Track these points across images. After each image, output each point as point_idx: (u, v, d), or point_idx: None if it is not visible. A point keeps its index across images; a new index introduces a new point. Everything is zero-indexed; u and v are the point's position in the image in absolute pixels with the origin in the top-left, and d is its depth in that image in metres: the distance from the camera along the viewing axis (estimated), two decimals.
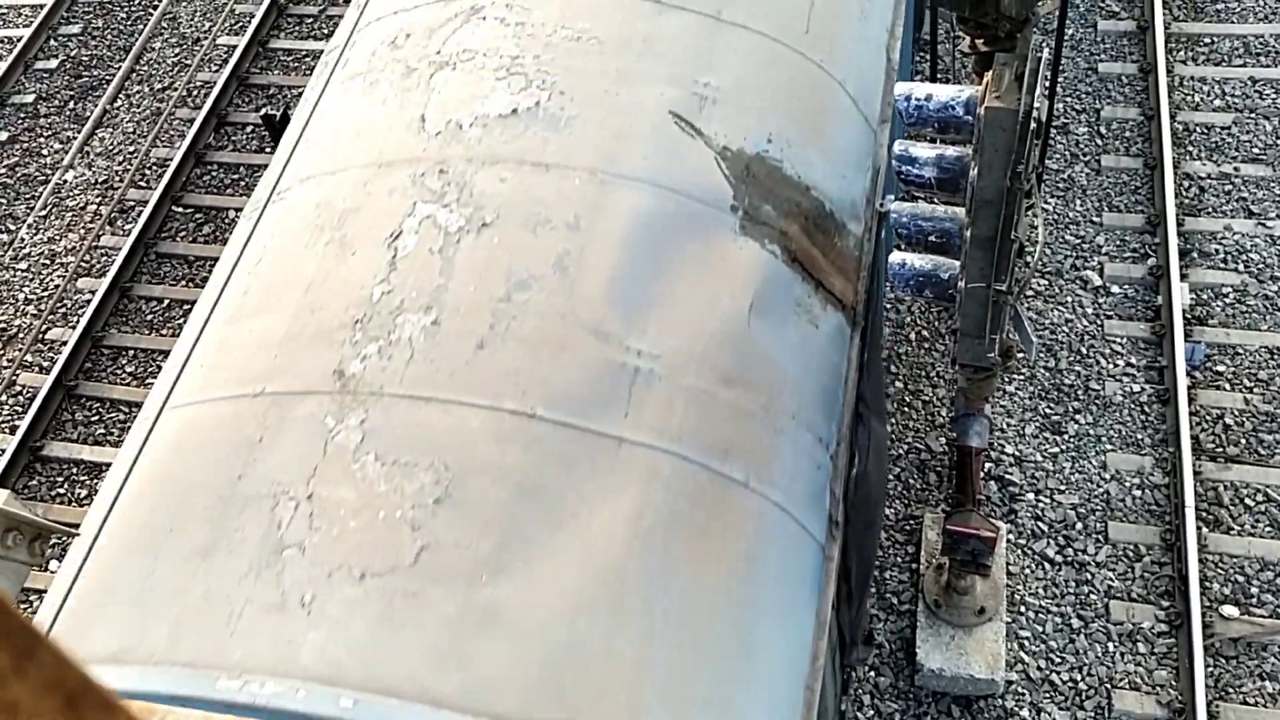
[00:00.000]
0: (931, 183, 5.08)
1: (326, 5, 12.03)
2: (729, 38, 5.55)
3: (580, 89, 5.22)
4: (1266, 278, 8.70)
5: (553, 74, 5.29)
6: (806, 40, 5.70)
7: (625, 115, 5.14)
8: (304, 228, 5.10)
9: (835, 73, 5.71)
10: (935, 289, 5.33)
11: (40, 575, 8.21)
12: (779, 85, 5.48)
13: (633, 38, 5.43)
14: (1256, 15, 10.37)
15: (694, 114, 5.21)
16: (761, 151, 5.20)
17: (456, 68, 5.42)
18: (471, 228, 4.78)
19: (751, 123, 5.28)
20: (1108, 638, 7.22)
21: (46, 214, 10.72)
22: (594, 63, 5.34)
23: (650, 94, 5.22)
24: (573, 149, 5.01)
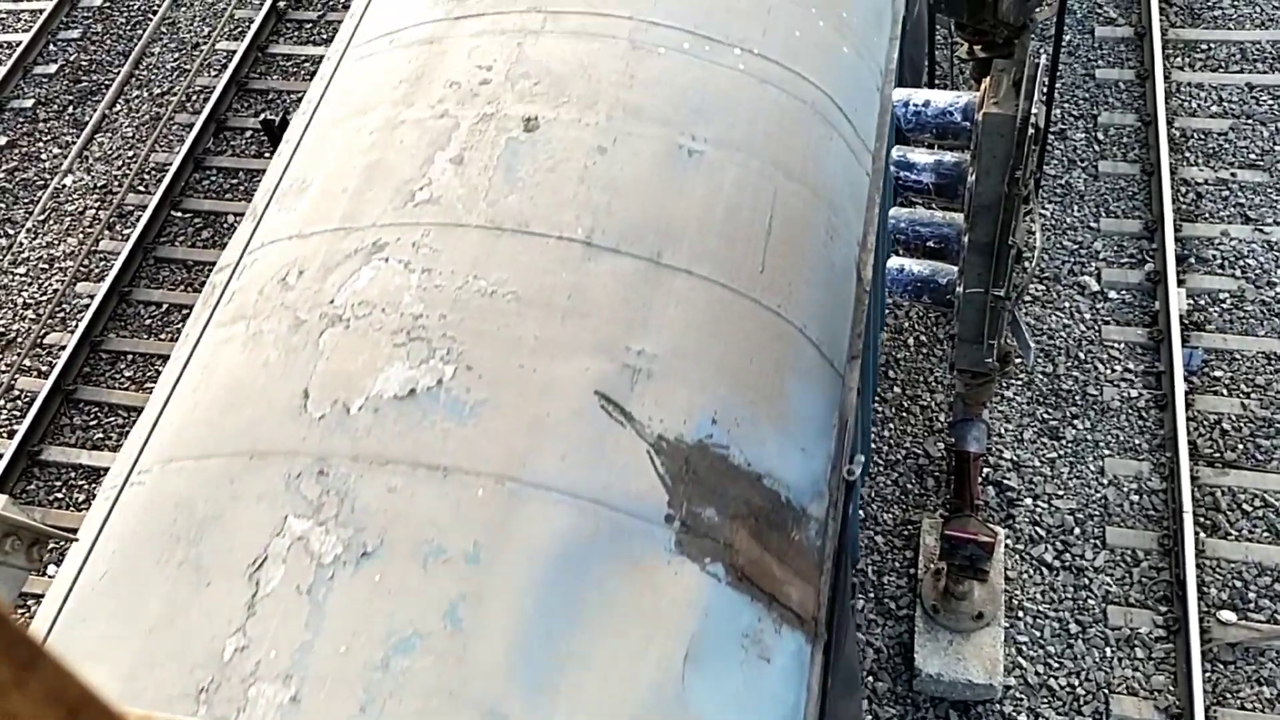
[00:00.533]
0: (930, 188, 5.09)
1: (325, 11, 12.04)
2: (669, 287, 4.78)
3: (491, 363, 4.46)
4: (1263, 283, 8.71)
5: (460, 342, 4.51)
6: (761, 282, 4.98)
7: (543, 399, 4.36)
8: (157, 534, 4.35)
9: (796, 317, 5.00)
10: (933, 294, 5.33)
11: (38, 580, 8.20)
12: (727, 345, 4.73)
13: (556, 292, 4.66)
14: (1253, 22, 10.39)
15: (624, 393, 4.43)
16: (704, 438, 4.43)
17: (350, 325, 4.65)
18: (350, 557, 4.01)
19: (693, 399, 4.51)
20: (1106, 643, 7.22)
21: (45, 218, 10.72)
22: (509, 327, 4.55)
23: (573, 369, 4.45)
24: (478, 447, 4.22)
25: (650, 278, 4.78)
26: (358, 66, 6.05)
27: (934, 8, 6.84)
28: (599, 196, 4.96)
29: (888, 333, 8.76)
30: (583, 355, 4.50)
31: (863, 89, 6.07)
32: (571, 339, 4.54)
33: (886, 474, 8.05)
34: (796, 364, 4.89)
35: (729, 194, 5.14)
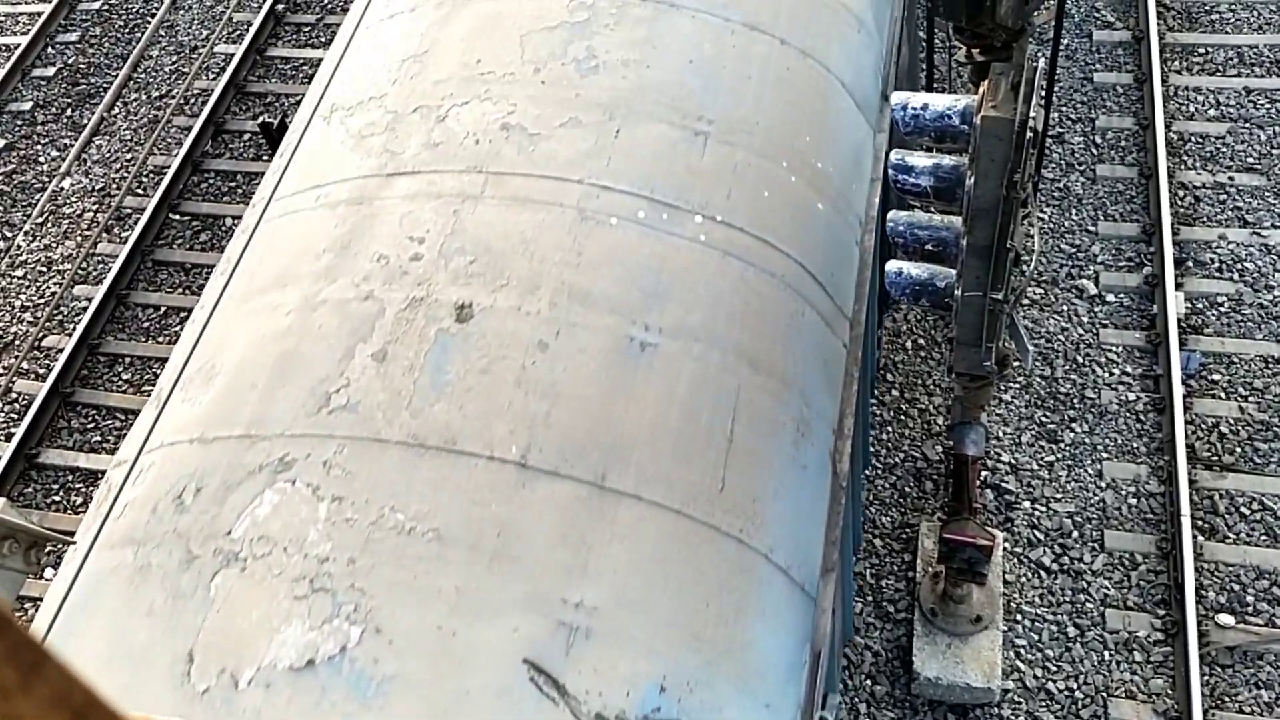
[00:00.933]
0: (928, 192, 5.09)
1: (324, 14, 12.04)
2: (614, 518, 4.21)
3: (405, 624, 3.90)
4: (1261, 287, 8.73)
5: (370, 595, 3.95)
6: (721, 503, 4.42)
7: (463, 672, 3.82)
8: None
9: (760, 542, 4.46)
10: (932, 297, 5.34)
11: (36, 583, 8.19)
12: (680, 588, 4.17)
13: (484, 530, 4.11)
14: (1250, 26, 10.41)
15: (558, 660, 3.87)
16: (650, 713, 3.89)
17: (246, 567, 4.12)
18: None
19: (637, 664, 3.95)
20: (1104, 646, 7.22)
21: (43, 221, 10.71)
22: (428, 575, 4.00)
23: (500, 631, 3.90)
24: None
25: (593, 507, 4.20)
26: (281, 226, 5.42)
27: (932, 11, 6.86)
28: (537, 404, 4.41)
29: (886, 335, 8.77)
30: (512, 612, 3.93)
31: (840, 247, 5.55)
32: (499, 591, 3.97)
33: (885, 477, 8.05)
34: (761, 601, 4.34)
35: (685, 396, 4.59)
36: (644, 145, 5.26)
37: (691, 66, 5.58)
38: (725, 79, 5.58)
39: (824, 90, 5.84)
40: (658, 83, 5.47)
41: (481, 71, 5.56)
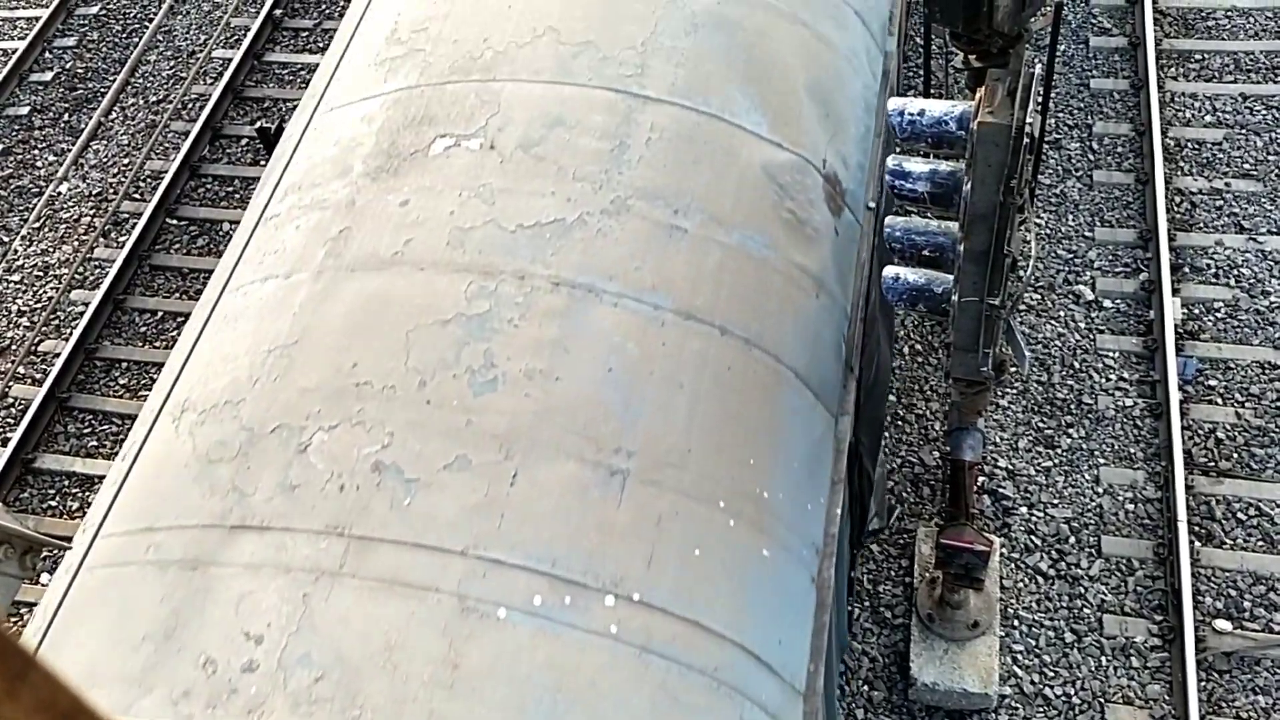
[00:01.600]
0: (925, 197, 5.10)
1: (321, 19, 12.05)
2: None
3: None
4: (1258, 292, 8.74)
5: None
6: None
7: None
8: None
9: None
10: (929, 303, 5.34)
11: (31, 588, 8.18)
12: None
13: None
14: (1246, 32, 10.44)
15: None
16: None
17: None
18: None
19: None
20: (1101, 652, 7.22)
21: (40, 226, 10.71)
22: None
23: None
24: None
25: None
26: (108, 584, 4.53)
27: (930, 17, 6.86)
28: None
29: None
30: None
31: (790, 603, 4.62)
32: None
33: (883, 483, 8.06)
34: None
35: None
36: (546, 495, 4.32)
37: (610, 377, 4.61)
38: (651, 392, 4.63)
39: (773, 389, 4.93)
40: (568, 403, 4.52)
41: (356, 381, 4.62)
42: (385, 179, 5.21)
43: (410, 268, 4.86)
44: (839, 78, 5.85)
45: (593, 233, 4.88)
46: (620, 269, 4.83)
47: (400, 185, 5.15)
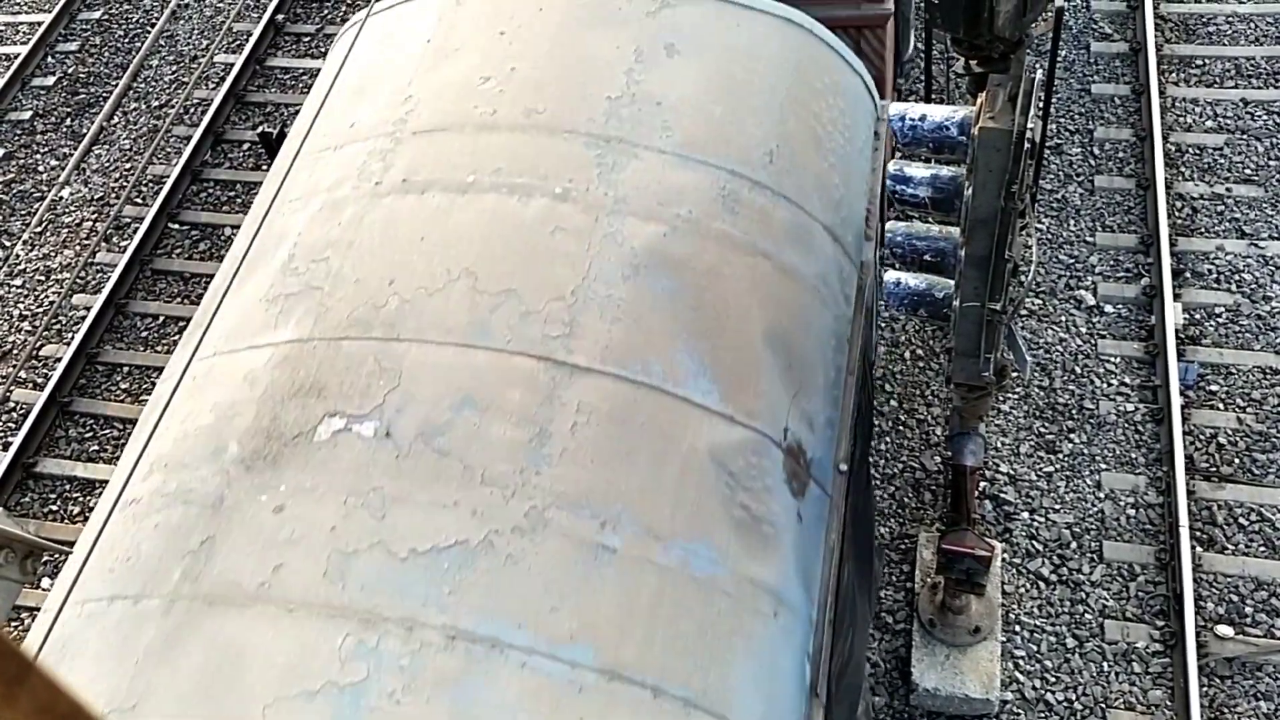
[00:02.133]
0: (926, 202, 5.10)
1: (323, 24, 12.07)
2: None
3: None
4: (1259, 298, 8.73)
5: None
6: None
7: None
8: None
9: None
10: (930, 308, 5.34)
11: (32, 593, 8.18)
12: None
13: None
14: (1247, 38, 10.44)
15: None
16: None
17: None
18: None
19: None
20: (1103, 657, 7.21)
21: (42, 230, 10.72)
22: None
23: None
24: None
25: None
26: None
27: (931, 23, 6.88)
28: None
29: (885, 346, 8.77)
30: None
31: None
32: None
33: (883, 488, 8.05)
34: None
35: None
36: None
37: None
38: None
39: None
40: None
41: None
42: (261, 470, 4.38)
43: (277, 608, 3.99)
44: (804, 315, 5.07)
45: (501, 560, 4.03)
46: (532, 612, 3.94)
47: (278, 482, 4.33)
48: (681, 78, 5.36)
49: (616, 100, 5.24)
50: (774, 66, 5.57)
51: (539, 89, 5.28)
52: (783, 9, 5.73)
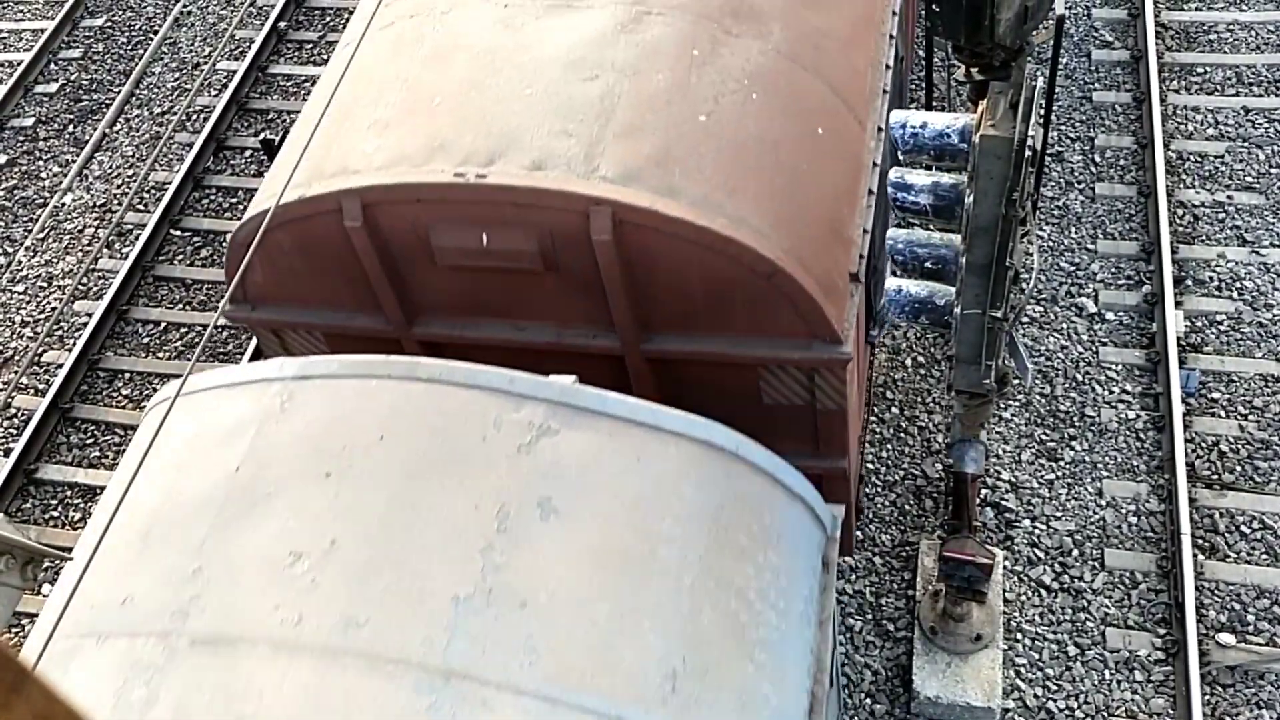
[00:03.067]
0: (927, 210, 5.10)
1: (325, 31, 12.09)
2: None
3: None
4: (1260, 305, 8.73)
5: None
6: None
7: None
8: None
9: None
10: (931, 315, 5.34)
11: (32, 599, 8.17)
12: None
13: None
14: (1249, 46, 10.45)
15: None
16: None
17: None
18: None
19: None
20: (1104, 665, 7.19)
21: (44, 237, 10.73)
22: None
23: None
24: None
25: None
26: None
27: (932, 31, 6.88)
28: None
29: (886, 353, 8.77)
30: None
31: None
32: None
33: (884, 495, 8.04)
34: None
35: None
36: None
37: None
38: None
39: None
40: None
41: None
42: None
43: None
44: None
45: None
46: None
47: None
48: (556, 558, 4.06)
49: (466, 603, 3.93)
50: (687, 523, 4.26)
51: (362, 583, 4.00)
52: (703, 427, 4.48)
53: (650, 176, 4.94)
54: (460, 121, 5.23)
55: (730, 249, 4.88)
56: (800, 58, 5.64)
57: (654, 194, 4.89)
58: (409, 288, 5.50)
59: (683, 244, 4.92)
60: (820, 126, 5.50)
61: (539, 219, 4.98)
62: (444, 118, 5.28)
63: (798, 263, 4.97)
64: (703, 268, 4.98)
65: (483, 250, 5.14)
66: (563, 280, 5.21)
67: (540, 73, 5.36)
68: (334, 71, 6.13)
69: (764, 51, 5.56)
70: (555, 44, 5.49)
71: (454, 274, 5.34)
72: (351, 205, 5.14)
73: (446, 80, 5.45)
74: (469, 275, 5.34)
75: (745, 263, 4.90)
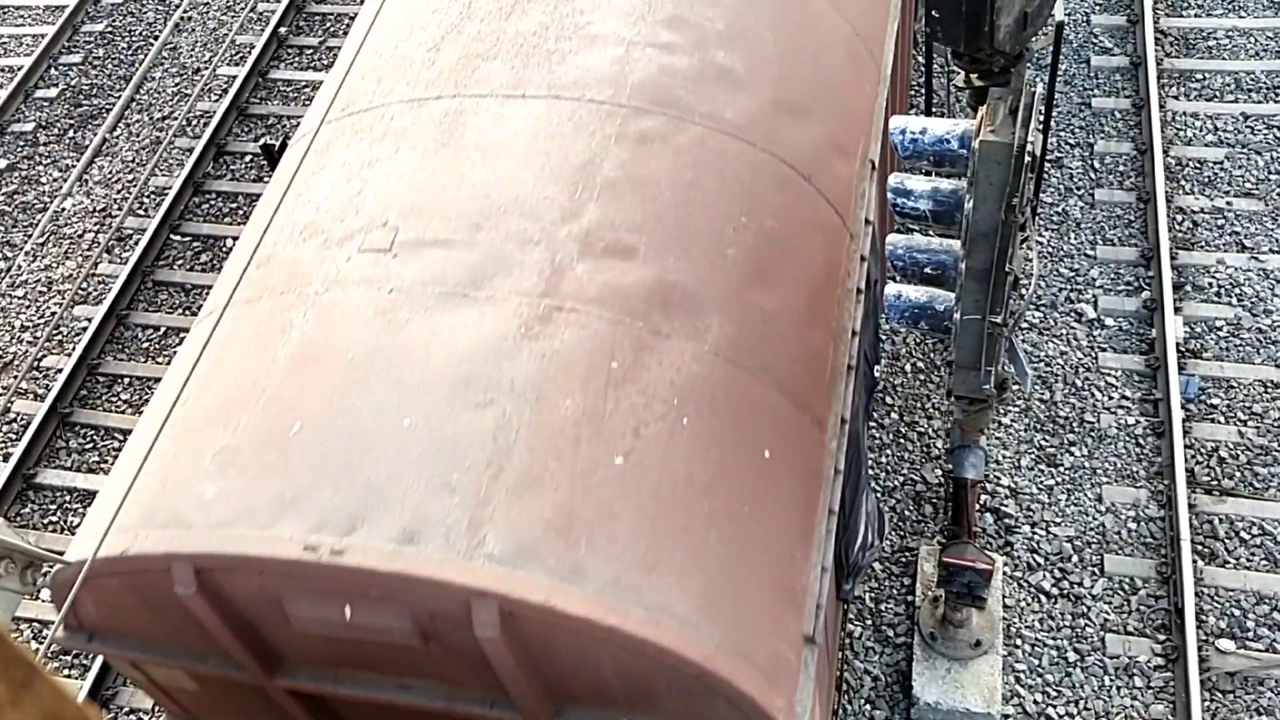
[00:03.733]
0: (927, 215, 5.11)
1: (326, 37, 12.11)
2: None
3: None
4: (1260, 311, 8.74)
5: None
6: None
7: None
8: None
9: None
10: (931, 321, 5.35)
11: (31, 603, 8.17)
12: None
13: None
14: (1247, 52, 10.47)
15: None
16: None
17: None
18: None
19: None
20: (1104, 671, 7.19)
21: (44, 242, 10.73)
22: None
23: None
24: None
25: None
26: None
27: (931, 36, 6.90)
28: None
29: (886, 359, 8.77)
30: None
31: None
32: None
33: (884, 501, 8.04)
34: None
35: None
36: None
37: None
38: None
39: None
40: None
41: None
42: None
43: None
44: None
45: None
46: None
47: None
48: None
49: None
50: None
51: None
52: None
53: (548, 552, 3.98)
54: (320, 465, 4.28)
55: (647, 650, 3.93)
56: (743, 357, 4.71)
57: (552, 578, 3.93)
58: (266, 644, 4.59)
59: (588, 641, 3.99)
60: (768, 448, 4.57)
61: (412, 600, 4.05)
62: (301, 456, 4.33)
63: (734, 654, 4.05)
64: (615, 663, 4.07)
65: (347, 623, 4.26)
66: (448, 651, 4.29)
67: (423, 394, 4.37)
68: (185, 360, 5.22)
69: (699, 356, 4.59)
70: (444, 351, 4.50)
71: (318, 637, 4.45)
72: (183, 571, 4.24)
73: (310, 396, 4.50)
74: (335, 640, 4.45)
75: (667, 663, 3.97)
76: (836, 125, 5.65)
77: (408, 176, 5.14)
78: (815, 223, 5.27)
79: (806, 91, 5.65)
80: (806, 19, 5.98)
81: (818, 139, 5.51)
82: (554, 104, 5.26)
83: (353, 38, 6.56)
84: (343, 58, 6.20)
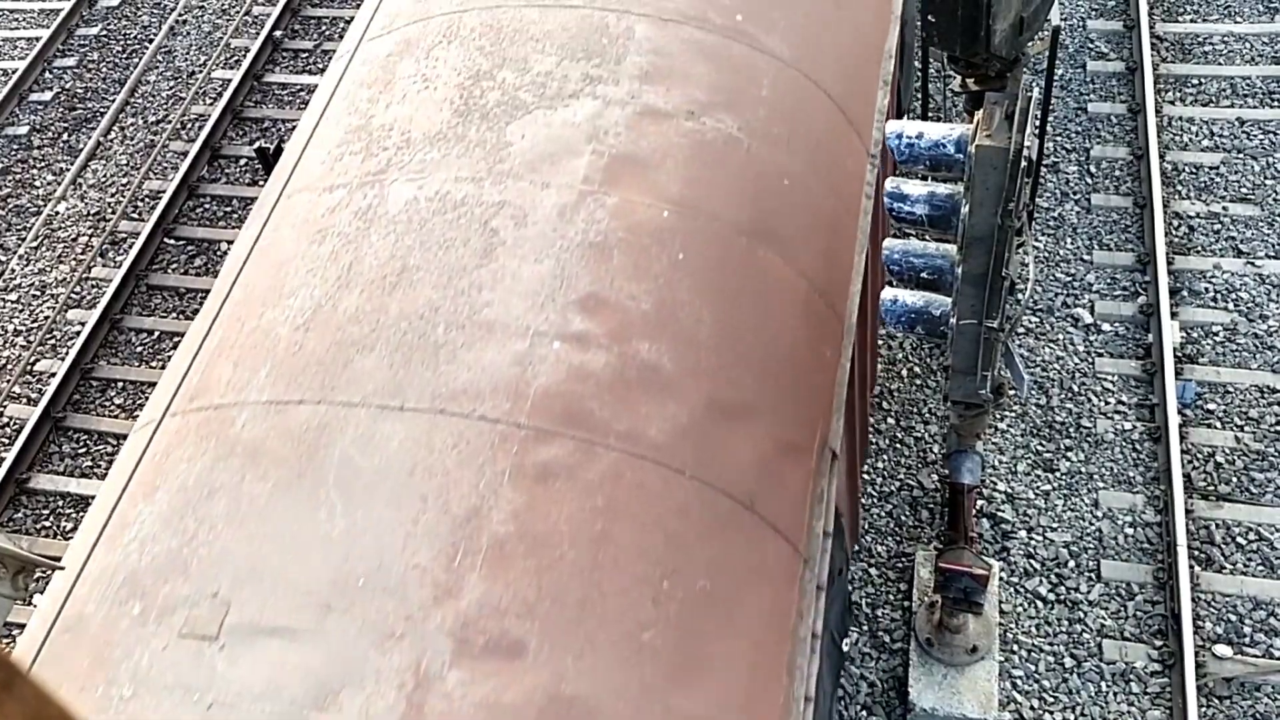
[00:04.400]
0: (923, 220, 5.10)
1: (321, 40, 12.10)
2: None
3: None
4: (1256, 316, 8.74)
5: None
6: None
7: None
8: None
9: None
10: (927, 325, 5.34)
11: (22, 609, 8.12)
12: None
13: None
14: (1243, 57, 10.49)
15: None
16: None
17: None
18: None
19: None
20: (1101, 677, 7.18)
21: (38, 245, 10.70)
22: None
23: None
24: None
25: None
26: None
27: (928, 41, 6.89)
28: None
29: (882, 364, 8.76)
30: None
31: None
32: None
33: (880, 506, 8.02)
34: None
35: None
36: None
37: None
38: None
39: None
40: None
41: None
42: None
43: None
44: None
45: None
46: None
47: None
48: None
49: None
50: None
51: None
52: None
53: None
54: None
55: None
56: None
57: None
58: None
59: None
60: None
61: None
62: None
63: None
64: None
65: None
66: None
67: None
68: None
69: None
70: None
71: None
72: None
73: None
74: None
75: None
76: (787, 419, 4.90)
77: (251, 523, 4.25)
78: (760, 568, 4.41)
79: (750, 384, 4.85)
80: (751, 280, 5.19)
81: (764, 448, 4.74)
82: (437, 423, 4.36)
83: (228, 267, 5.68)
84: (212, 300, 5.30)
